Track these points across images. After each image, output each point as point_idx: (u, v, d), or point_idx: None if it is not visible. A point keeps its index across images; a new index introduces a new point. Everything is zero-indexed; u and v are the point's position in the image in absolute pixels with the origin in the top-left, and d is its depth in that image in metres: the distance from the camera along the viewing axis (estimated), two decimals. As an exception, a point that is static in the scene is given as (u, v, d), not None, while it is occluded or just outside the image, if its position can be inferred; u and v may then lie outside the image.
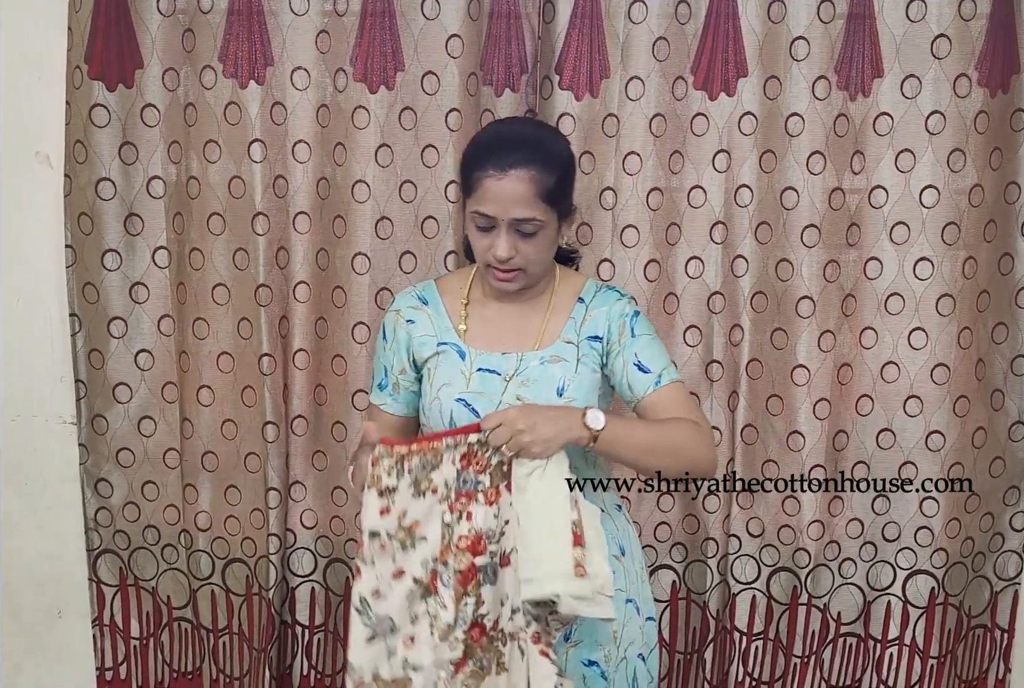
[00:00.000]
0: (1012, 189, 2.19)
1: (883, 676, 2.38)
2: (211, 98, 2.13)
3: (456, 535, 1.44)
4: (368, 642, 1.45)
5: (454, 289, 1.71)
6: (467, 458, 1.44)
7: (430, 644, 1.44)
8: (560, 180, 1.55)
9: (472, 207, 1.55)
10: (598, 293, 1.69)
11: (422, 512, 1.46)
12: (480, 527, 1.44)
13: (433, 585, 1.44)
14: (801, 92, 2.12)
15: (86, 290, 2.23)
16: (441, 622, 1.44)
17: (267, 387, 2.21)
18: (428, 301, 1.71)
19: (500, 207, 1.51)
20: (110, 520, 2.35)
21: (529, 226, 1.53)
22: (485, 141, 1.61)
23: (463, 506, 1.44)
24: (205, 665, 2.40)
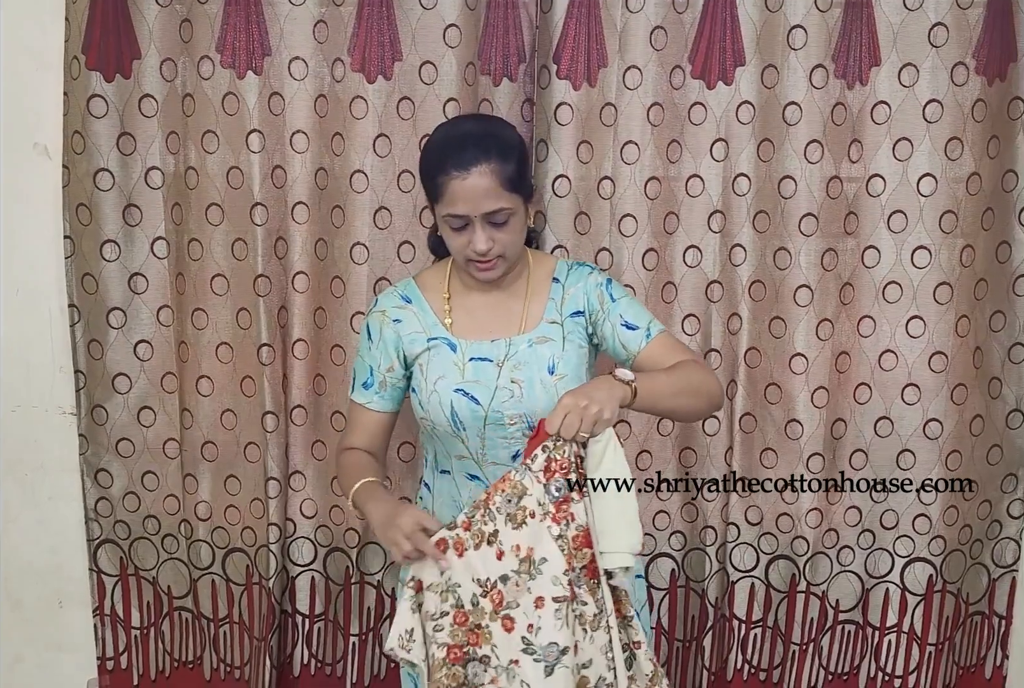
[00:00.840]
0: (1010, 177, 2.19)
1: (881, 663, 2.39)
2: (209, 88, 2.13)
3: (569, 537, 1.48)
4: (547, 675, 1.48)
5: (434, 285, 1.77)
6: (548, 468, 1.48)
7: (588, 640, 1.50)
8: (518, 166, 1.62)
9: (443, 211, 1.61)
10: (571, 271, 1.76)
11: (530, 538, 1.49)
12: (584, 522, 1.49)
13: (572, 593, 1.48)
14: (799, 81, 2.12)
15: (85, 281, 2.24)
16: (588, 617, 1.50)
17: (266, 377, 2.21)
18: (411, 299, 1.76)
19: (471, 205, 1.57)
20: (110, 510, 2.35)
21: (500, 216, 1.59)
22: (438, 146, 1.65)
23: (564, 513, 1.48)
24: (206, 654, 2.41)
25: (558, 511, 1.48)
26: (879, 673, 2.40)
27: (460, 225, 1.61)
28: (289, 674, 2.38)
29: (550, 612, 1.48)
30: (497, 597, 1.50)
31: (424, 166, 1.66)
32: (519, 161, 1.63)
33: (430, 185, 1.62)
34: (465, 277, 1.73)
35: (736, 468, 2.27)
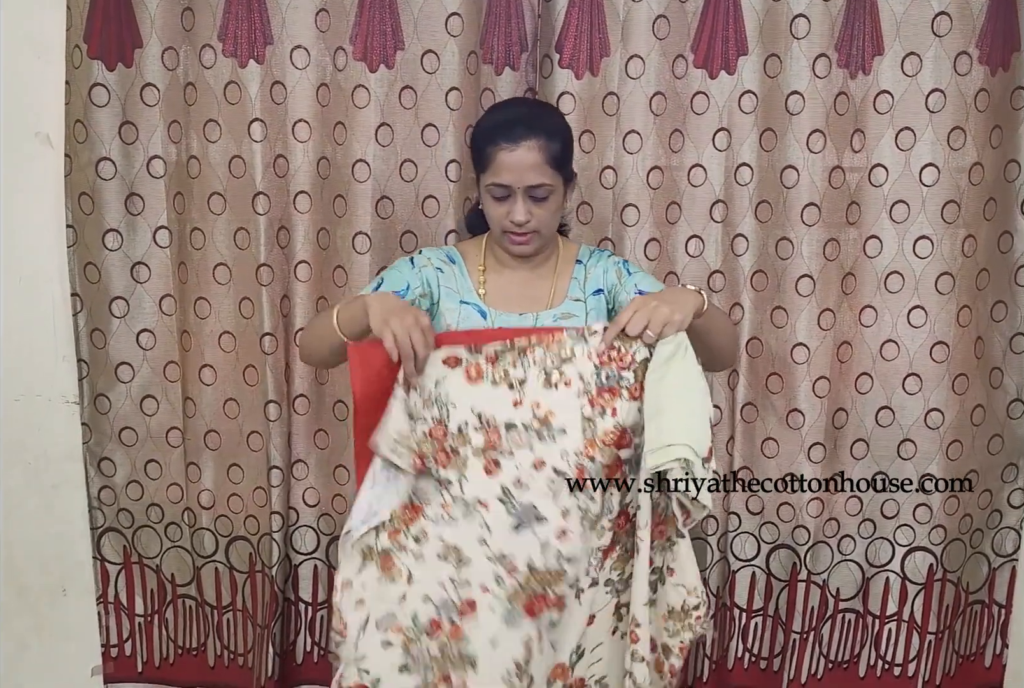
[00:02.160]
0: (1012, 167, 2.19)
1: (881, 651, 2.40)
2: (211, 77, 2.13)
3: (600, 430, 1.45)
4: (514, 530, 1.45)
5: (472, 256, 1.83)
6: (607, 354, 1.45)
7: (582, 536, 1.46)
8: (563, 147, 1.70)
9: (489, 180, 1.69)
10: (592, 254, 1.85)
11: (557, 403, 1.46)
12: (626, 423, 1.46)
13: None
14: (801, 70, 2.12)
15: (87, 270, 2.24)
16: (591, 515, 1.47)
17: (269, 366, 2.21)
18: (455, 261, 1.82)
19: (515, 176, 1.65)
20: (113, 499, 2.36)
21: (542, 191, 1.67)
22: (492, 120, 1.74)
23: (606, 402, 1.45)
24: (209, 641, 2.42)
25: (599, 396, 1.45)
26: (879, 661, 2.40)
27: (502, 195, 1.68)
28: (292, 661, 2.39)
29: (544, 479, 1.45)
30: (492, 438, 1.46)
31: (475, 137, 1.74)
32: (565, 143, 1.71)
33: (479, 155, 1.70)
34: (499, 253, 1.80)
35: (737, 458, 2.28)
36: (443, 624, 1.47)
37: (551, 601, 1.47)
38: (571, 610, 1.50)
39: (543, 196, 1.68)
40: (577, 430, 1.46)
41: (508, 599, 1.46)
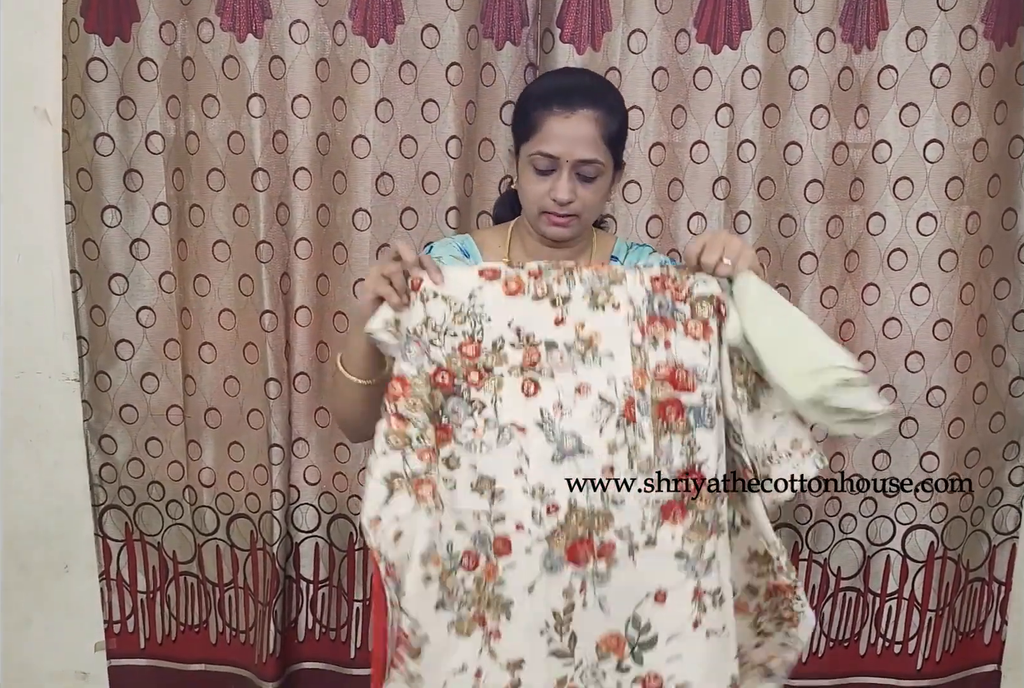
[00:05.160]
0: (1017, 143, 2.17)
1: (882, 629, 2.41)
2: (209, 52, 2.11)
3: (652, 362, 1.31)
4: (554, 461, 1.30)
5: (493, 247, 1.63)
6: (661, 281, 1.32)
7: (630, 476, 1.30)
8: (621, 126, 1.51)
9: (533, 148, 1.46)
10: (630, 250, 1.65)
11: (603, 325, 1.32)
12: (683, 361, 1.31)
13: (629, 412, 1.30)
14: (805, 45, 2.10)
15: (86, 246, 2.23)
16: (641, 454, 1.30)
17: (269, 344, 2.21)
18: (469, 254, 1.61)
19: (565, 147, 1.44)
20: (115, 476, 2.36)
21: (591, 169, 1.46)
22: (546, 85, 1.56)
23: (658, 332, 1.31)
24: (211, 618, 2.43)
25: (650, 324, 1.31)
26: (879, 639, 2.41)
27: (547, 167, 1.46)
28: (294, 639, 2.40)
29: (589, 407, 1.30)
30: (532, 356, 1.31)
31: (523, 102, 1.52)
32: (623, 122, 1.51)
33: (524, 121, 1.48)
34: (528, 243, 1.59)
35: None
36: (480, 559, 1.32)
37: (597, 549, 1.30)
38: (623, 567, 1.31)
39: (592, 175, 1.47)
40: (626, 357, 1.31)
41: (547, 540, 1.30)
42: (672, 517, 1.31)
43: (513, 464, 1.30)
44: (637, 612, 1.31)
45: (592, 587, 1.31)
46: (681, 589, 1.32)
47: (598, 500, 1.29)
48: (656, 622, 1.32)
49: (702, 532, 1.31)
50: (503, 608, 1.32)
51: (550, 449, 1.30)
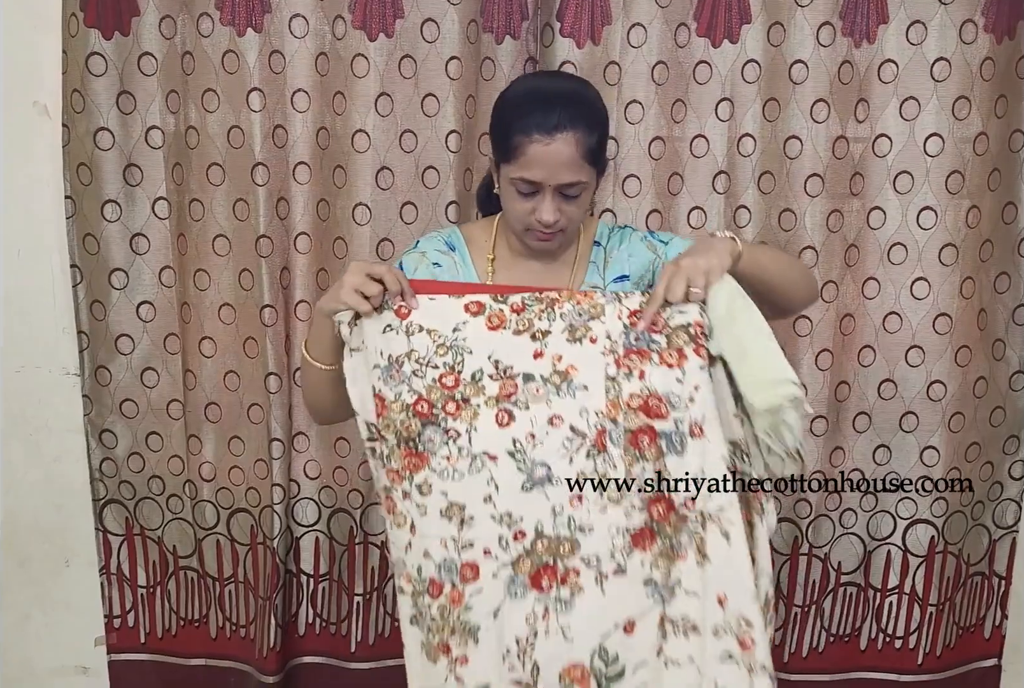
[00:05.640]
0: (1017, 137, 2.17)
1: (883, 624, 2.40)
2: (208, 46, 2.11)
3: (626, 392, 1.33)
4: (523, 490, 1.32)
5: (479, 242, 1.63)
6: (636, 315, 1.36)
7: (599, 505, 1.32)
8: (601, 136, 1.49)
9: (515, 174, 1.46)
10: (612, 233, 1.64)
11: (579, 358, 1.35)
12: (657, 389, 1.33)
13: (600, 442, 1.33)
14: (805, 39, 2.10)
15: (86, 241, 2.23)
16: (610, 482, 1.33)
17: (269, 338, 2.21)
18: (455, 247, 1.62)
19: (548, 173, 1.43)
20: (115, 470, 2.36)
21: (574, 189, 1.47)
22: (522, 100, 1.50)
23: (633, 364, 1.34)
24: (212, 613, 2.43)
25: (626, 357, 1.34)
26: (880, 634, 2.41)
27: (529, 190, 1.46)
28: (294, 633, 2.40)
29: (560, 437, 1.33)
30: (509, 388, 1.35)
31: (502, 121, 1.49)
32: (602, 134, 1.49)
33: (505, 143, 1.46)
34: (514, 242, 1.59)
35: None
36: (444, 586, 1.34)
37: (561, 575, 1.32)
38: (589, 595, 1.31)
39: (575, 194, 1.47)
40: (600, 388, 1.34)
41: (512, 565, 1.32)
42: (642, 545, 1.32)
43: (483, 491, 1.33)
44: (605, 644, 1.31)
45: (555, 614, 1.31)
46: (648, 617, 1.31)
47: (564, 527, 1.32)
48: (623, 653, 1.31)
49: (670, 558, 1.32)
50: (470, 633, 1.33)
51: (520, 478, 1.33)
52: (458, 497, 1.34)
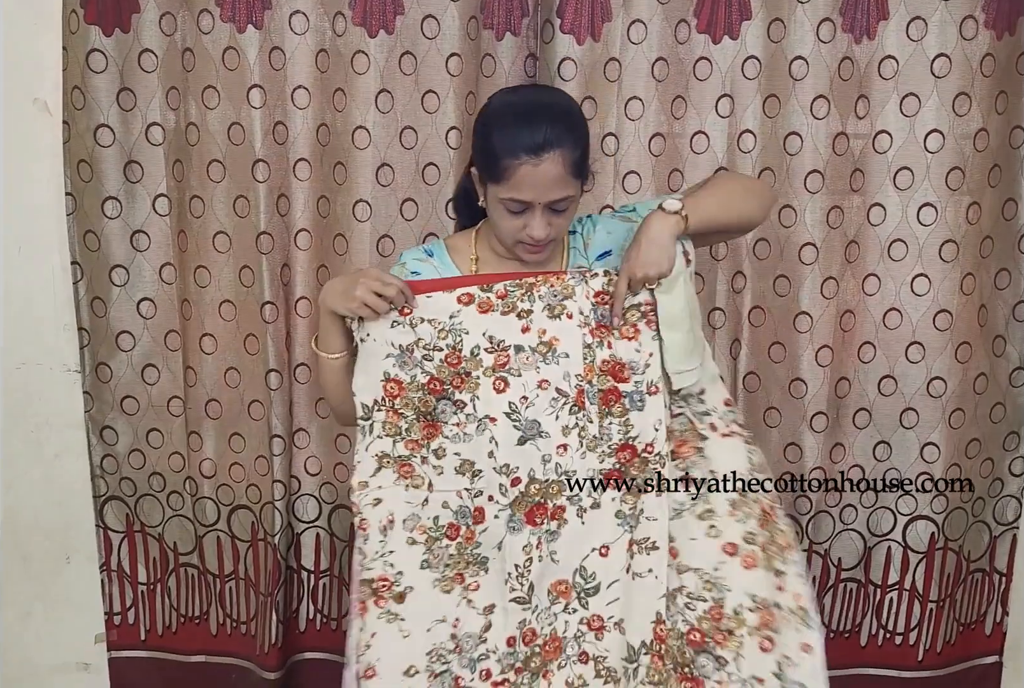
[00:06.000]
0: (1017, 133, 2.17)
1: (883, 620, 2.41)
2: (209, 43, 2.11)
3: (599, 358, 1.55)
4: (519, 444, 1.54)
5: (461, 248, 1.66)
6: (601, 297, 1.55)
7: (580, 452, 1.55)
8: (584, 148, 1.51)
9: (505, 194, 1.48)
10: (583, 222, 1.68)
11: (560, 330, 1.55)
12: (621, 357, 1.55)
13: (580, 401, 1.54)
14: (805, 35, 2.10)
15: (87, 238, 2.23)
16: (588, 433, 1.55)
17: (269, 335, 2.21)
18: (434, 254, 1.66)
19: (538, 193, 1.47)
20: (116, 467, 2.36)
21: (563, 203, 1.50)
22: (507, 119, 1.50)
23: (603, 335, 1.55)
24: (212, 610, 2.43)
25: (597, 329, 1.55)
26: (880, 630, 2.41)
27: (519, 209, 1.49)
28: (295, 629, 2.41)
29: (548, 397, 1.54)
30: (502, 359, 1.55)
31: (488, 141, 1.49)
32: (585, 147, 1.52)
33: (493, 165, 1.47)
34: (497, 246, 1.62)
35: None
36: (460, 529, 1.57)
37: (551, 511, 1.55)
38: (572, 526, 1.54)
39: (564, 208, 1.51)
40: (578, 355, 1.55)
41: (511, 507, 1.55)
42: (612, 483, 1.56)
43: (487, 448, 1.55)
44: (584, 564, 1.55)
45: (545, 544, 1.55)
46: (619, 542, 1.55)
47: (553, 472, 1.55)
48: (599, 572, 1.54)
49: (635, 494, 1.56)
50: (480, 564, 1.57)
51: (516, 434, 1.54)
52: (469, 455, 1.56)
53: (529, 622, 1.55)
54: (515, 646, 1.55)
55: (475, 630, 1.56)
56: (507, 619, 1.55)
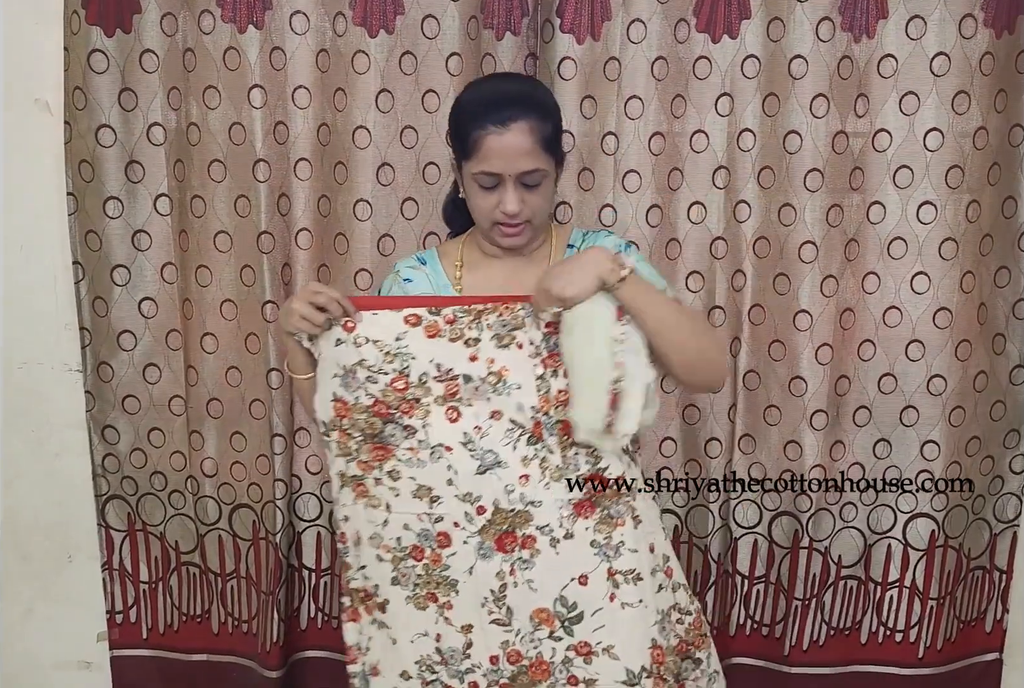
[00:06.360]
0: (1017, 131, 2.17)
1: (883, 618, 2.41)
2: (210, 43, 2.12)
3: (554, 389, 1.52)
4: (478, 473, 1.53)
5: (450, 253, 1.71)
6: (553, 326, 1.51)
7: (544, 483, 1.53)
8: (555, 128, 1.56)
9: (475, 168, 1.52)
10: (586, 237, 1.68)
11: (509, 361, 1.53)
12: None
13: (537, 432, 1.52)
14: (805, 34, 2.10)
15: (88, 238, 2.24)
16: (551, 464, 1.53)
17: (270, 334, 2.21)
18: (426, 262, 1.72)
19: (506, 162, 1.50)
20: (117, 466, 2.37)
21: (534, 177, 1.53)
22: (475, 101, 1.57)
23: (556, 364, 1.52)
24: (214, 608, 2.44)
25: (549, 358, 1.52)
26: (881, 628, 2.41)
27: (491, 184, 1.53)
28: (297, 627, 2.41)
29: (503, 428, 1.53)
30: (452, 387, 1.53)
31: (457, 122, 1.56)
32: (556, 122, 1.57)
33: (462, 141, 1.53)
34: (485, 246, 1.66)
35: (740, 425, 2.28)
36: (425, 551, 1.56)
37: (520, 540, 1.54)
38: (546, 555, 1.53)
39: (536, 182, 1.53)
40: (531, 386, 1.53)
41: (479, 533, 1.54)
42: (584, 514, 1.54)
43: (445, 476, 1.54)
44: (563, 593, 1.54)
45: (520, 571, 1.54)
46: (598, 571, 1.54)
47: (518, 502, 1.53)
48: (581, 601, 1.54)
49: (609, 523, 1.55)
50: (451, 586, 1.56)
51: (475, 464, 1.53)
52: (425, 481, 1.55)
53: (512, 643, 1.56)
54: (499, 664, 1.57)
55: (457, 646, 1.58)
56: (487, 639, 1.56)
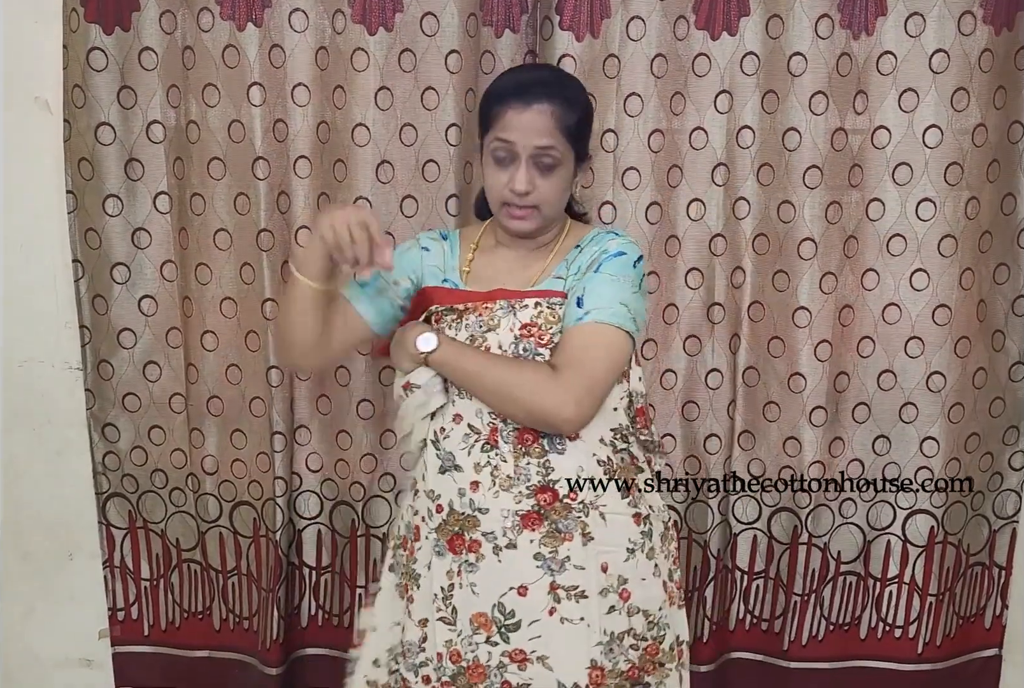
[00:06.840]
0: (1016, 128, 2.18)
1: (882, 613, 2.41)
2: (209, 41, 2.12)
3: None
4: (440, 472, 1.58)
5: (469, 236, 1.73)
6: (529, 329, 1.55)
7: (493, 491, 1.55)
8: (580, 121, 1.55)
9: (493, 135, 1.54)
10: (596, 237, 1.64)
11: None
12: None
13: (493, 439, 1.55)
14: (804, 31, 2.10)
15: (88, 236, 2.24)
16: (502, 473, 1.55)
17: (271, 332, 2.21)
18: (447, 238, 1.74)
19: (522, 134, 1.51)
20: (118, 464, 2.37)
21: (549, 158, 1.53)
22: (505, 82, 1.60)
23: None
24: (215, 605, 2.44)
25: None
26: (880, 623, 2.42)
27: (505, 154, 1.53)
28: (297, 624, 2.42)
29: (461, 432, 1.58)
30: None
31: (485, 98, 1.59)
32: (583, 117, 1.56)
33: (486, 114, 1.56)
34: (499, 233, 1.67)
35: (739, 421, 2.29)
36: (408, 543, 1.66)
37: (468, 544, 1.57)
38: (489, 562, 1.56)
39: (549, 164, 1.52)
40: None
41: (436, 531, 1.60)
42: (531, 526, 1.54)
43: (421, 471, 1.63)
44: (502, 600, 1.55)
45: (465, 573, 1.57)
46: (539, 584, 1.54)
47: (467, 507, 1.56)
48: (519, 610, 1.55)
49: (556, 538, 1.54)
50: (415, 579, 1.63)
51: (439, 463, 1.59)
52: (414, 473, 1.67)
53: (454, 643, 1.59)
54: (443, 662, 1.60)
55: (414, 639, 1.63)
56: (435, 636, 1.60)
